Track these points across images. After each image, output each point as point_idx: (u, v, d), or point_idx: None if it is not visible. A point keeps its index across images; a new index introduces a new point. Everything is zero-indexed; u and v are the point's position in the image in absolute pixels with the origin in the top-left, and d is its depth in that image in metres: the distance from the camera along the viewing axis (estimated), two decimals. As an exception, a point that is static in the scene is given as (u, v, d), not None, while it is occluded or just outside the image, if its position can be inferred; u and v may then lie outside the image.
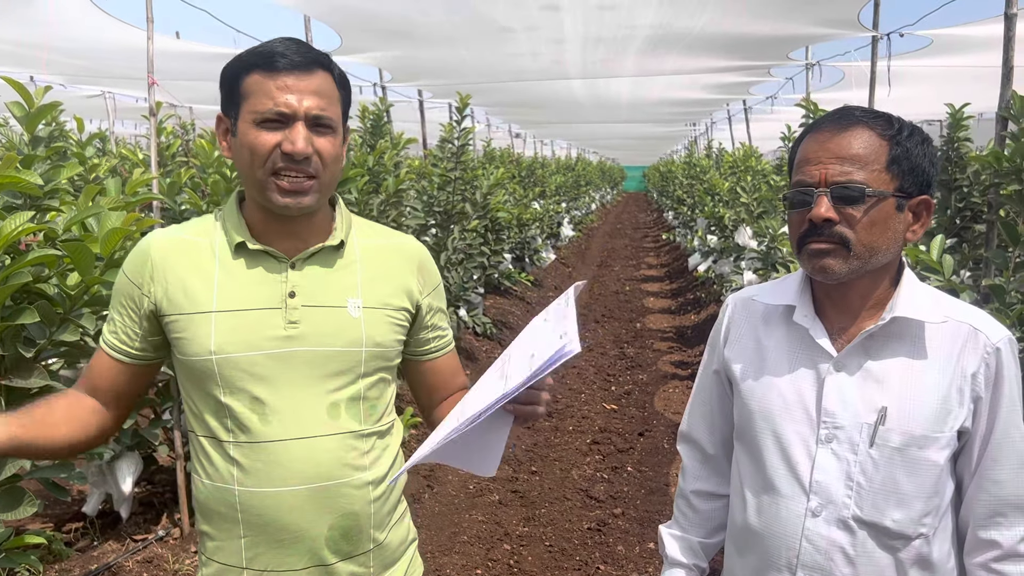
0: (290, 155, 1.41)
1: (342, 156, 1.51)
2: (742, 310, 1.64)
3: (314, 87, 1.43)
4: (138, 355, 1.55)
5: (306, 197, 1.45)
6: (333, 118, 1.46)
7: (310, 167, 1.43)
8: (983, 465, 1.45)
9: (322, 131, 1.44)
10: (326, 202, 1.55)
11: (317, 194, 1.46)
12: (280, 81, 1.41)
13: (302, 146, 1.40)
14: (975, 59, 7.90)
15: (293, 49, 1.44)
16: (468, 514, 4.48)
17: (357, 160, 5.52)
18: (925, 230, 1.48)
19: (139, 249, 1.53)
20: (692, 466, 1.76)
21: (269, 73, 1.41)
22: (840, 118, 1.44)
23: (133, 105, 12.60)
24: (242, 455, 1.46)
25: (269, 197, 1.44)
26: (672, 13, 6.52)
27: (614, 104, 14.09)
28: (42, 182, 2.50)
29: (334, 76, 1.48)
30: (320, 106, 1.43)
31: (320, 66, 1.45)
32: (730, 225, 9.00)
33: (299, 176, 1.43)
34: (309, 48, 1.47)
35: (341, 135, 1.50)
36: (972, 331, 1.44)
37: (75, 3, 6.06)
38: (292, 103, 1.41)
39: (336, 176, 1.51)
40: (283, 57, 1.42)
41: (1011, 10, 3.84)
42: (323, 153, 1.44)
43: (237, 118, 1.45)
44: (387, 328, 1.54)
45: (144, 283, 1.49)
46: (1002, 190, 3.76)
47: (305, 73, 1.43)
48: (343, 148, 1.52)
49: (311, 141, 1.42)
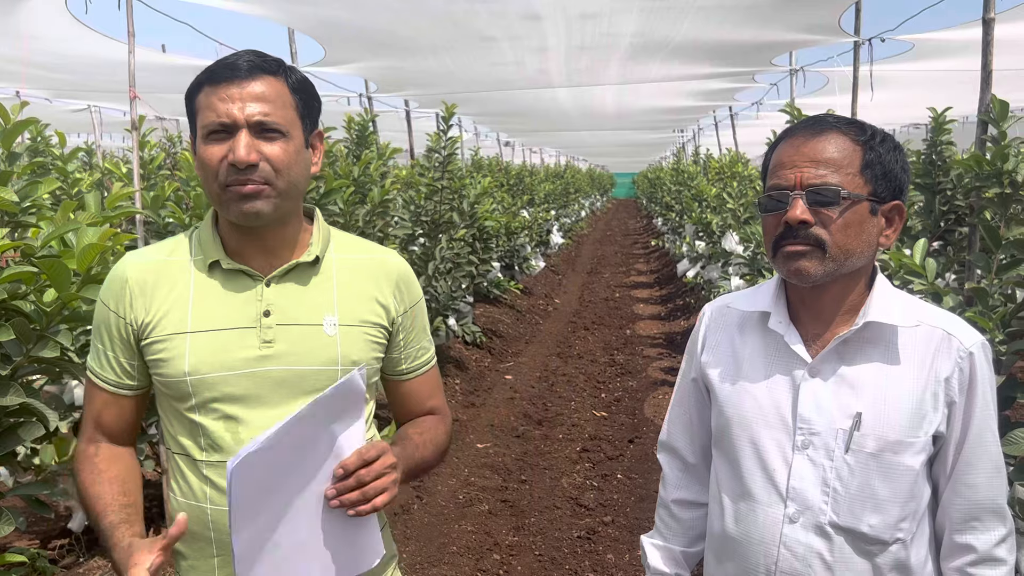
0: (234, 165, 1.37)
1: (302, 162, 1.46)
2: (718, 318, 1.65)
3: (256, 93, 1.39)
4: (137, 385, 1.53)
5: (258, 202, 1.40)
6: (280, 123, 1.41)
7: (257, 174, 1.39)
8: (958, 469, 1.45)
9: (271, 136, 1.40)
10: (299, 216, 1.53)
11: (273, 200, 1.42)
12: (222, 92, 1.39)
13: (243, 154, 1.37)
14: (957, 63, 7.95)
15: (241, 59, 1.42)
16: (457, 524, 4.46)
17: (342, 171, 5.52)
18: (898, 235, 1.49)
19: (114, 275, 1.52)
20: (673, 475, 1.76)
21: (213, 86, 1.40)
22: (814, 124, 1.46)
23: (120, 119, 12.56)
24: (215, 474, 1.44)
25: (227, 209, 1.42)
26: (653, 21, 6.55)
27: (601, 112, 14.14)
28: (17, 199, 2.48)
29: (287, 81, 1.45)
30: (264, 111, 1.39)
31: (265, 72, 1.42)
32: (717, 231, 9.02)
33: (249, 184, 1.39)
34: (257, 56, 1.44)
35: (300, 140, 1.45)
36: (946, 336, 1.44)
37: (57, 18, 6.03)
38: (233, 112, 1.38)
39: (297, 183, 1.45)
40: (226, 68, 1.40)
41: (989, 14, 3.86)
42: (273, 159, 1.40)
43: (195, 136, 1.45)
44: (364, 346, 1.52)
45: (123, 309, 1.48)
46: (984, 193, 3.78)
47: (247, 80, 1.40)
48: (308, 154, 1.49)
49: (257, 148, 1.39)
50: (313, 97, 1.50)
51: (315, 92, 1.52)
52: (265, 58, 1.44)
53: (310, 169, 1.50)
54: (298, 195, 1.48)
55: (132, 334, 1.48)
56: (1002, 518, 1.46)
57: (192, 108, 1.45)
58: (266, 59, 1.44)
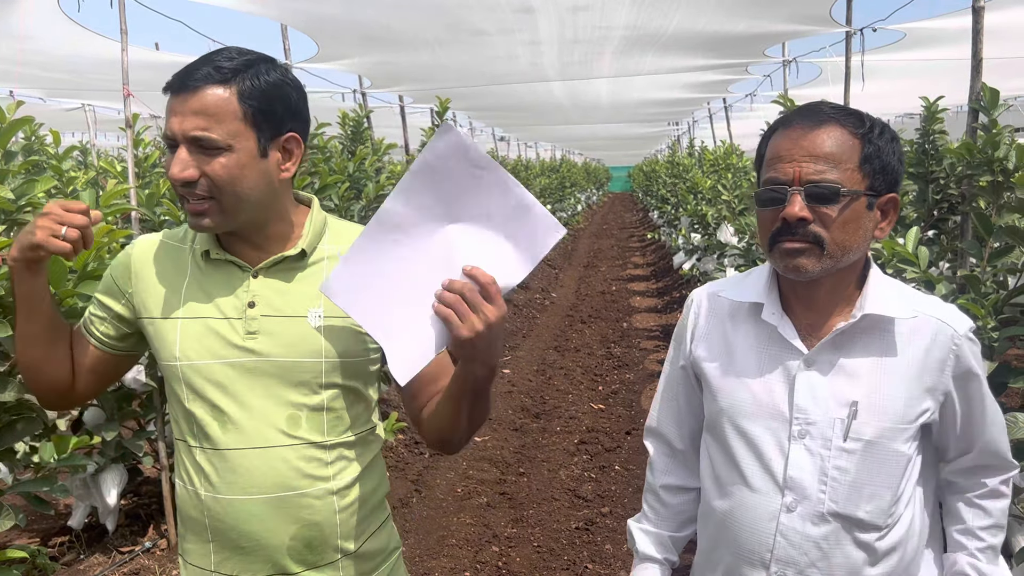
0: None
1: (255, 172, 1.41)
2: (708, 305, 1.64)
3: (197, 107, 1.36)
4: (101, 341, 1.59)
5: (204, 219, 1.41)
6: (218, 138, 1.36)
7: (199, 189, 1.39)
8: (970, 441, 1.54)
9: (211, 152, 1.37)
10: (282, 213, 1.51)
11: (218, 215, 1.41)
12: (171, 104, 1.39)
13: (176, 171, 1.37)
14: (948, 52, 7.96)
15: (199, 67, 1.39)
16: (456, 517, 4.48)
17: (337, 167, 5.53)
18: (892, 227, 1.49)
19: (124, 252, 1.60)
20: (660, 460, 1.77)
21: (171, 95, 1.40)
22: (811, 115, 1.44)
23: (114, 117, 12.52)
24: (206, 461, 1.48)
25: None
26: (645, 13, 6.55)
27: (595, 105, 14.13)
28: (13, 197, 2.50)
29: (239, 88, 1.38)
30: (199, 126, 1.36)
31: (214, 82, 1.37)
32: (712, 223, 9.03)
33: (193, 200, 1.40)
34: (218, 61, 1.39)
35: (249, 150, 1.40)
36: (940, 324, 1.46)
37: (49, 17, 6.03)
38: (173, 126, 1.38)
39: (248, 195, 1.41)
40: (179, 77, 1.39)
41: (978, 3, 3.88)
42: (213, 176, 1.38)
43: None
44: (351, 338, 1.50)
45: (124, 285, 1.56)
46: (976, 181, 3.80)
47: (191, 93, 1.37)
48: (267, 162, 1.43)
49: (197, 164, 1.37)
50: (274, 101, 1.42)
51: (282, 95, 1.44)
52: (221, 66, 1.38)
53: (274, 176, 1.45)
54: (256, 205, 1.44)
55: (126, 306, 1.56)
56: (1009, 464, 1.57)
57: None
58: (222, 67, 1.38)
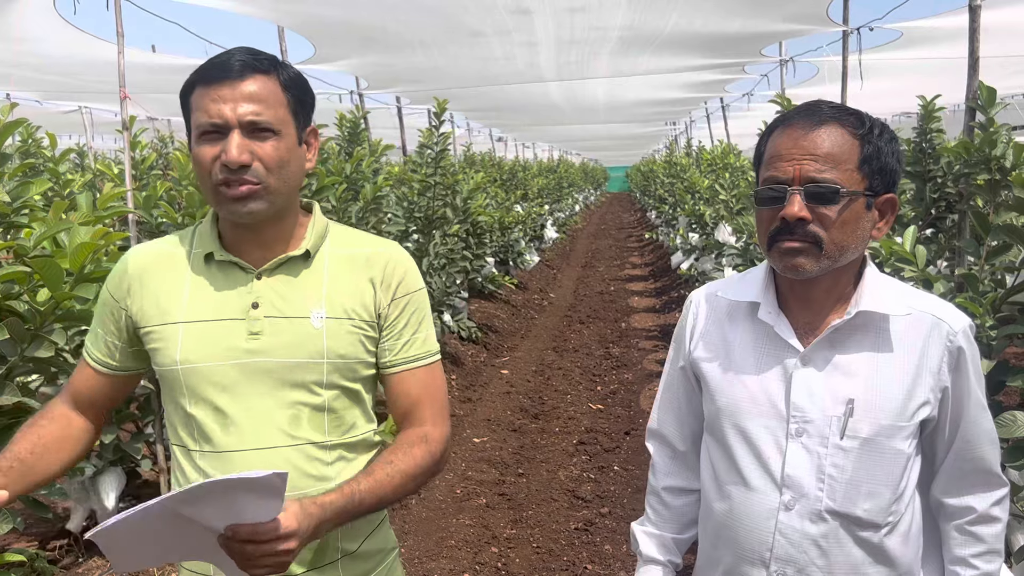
0: (227, 165, 1.40)
1: (296, 159, 1.49)
2: (706, 306, 1.65)
3: (248, 93, 1.41)
4: (118, 367, 1.60)
5: (252, 203, 1.43)
6: (272, 121, 1.43)
7: (250, 174, 1.42)
8: (957, 445, 1.51)
9: (263, 136, 1.42)
10: (295, 210, 1.55)
11: (266, 199, 1.44)
12: (214, 92, 1.41)
13: (235, 155, 1.39)
14: (945, 51, 7.96)
15: (233, 57, 1.44)
16: (455, 518, 4.48)
17: (335, 168, 5.52)
18: (889, 227, 1.49)
19: (119, 264, 1.59)
20: (662, 462, 1.77)
21: (206, 86, 1.42)
22: (811, 114, 1.43)
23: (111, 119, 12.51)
24: (208, 464, 1.48)
25: (221, 207, 1.46)
26: (642, 13, 6.55)
27: (592, 106, 14.13)
28: (9, 199, 2.49)
29: (279, 78, 1.46)
30: (255, 111, 1.41)
31: (257, 71, 1.43)
32: (710, 222, 9.04)
33: (241, 185, 1.42)
34: (250, 54, 1.46)
35: (293, 138, 1.47)
36: (935, 321, 1.46)
37: (45, 19, 6.02)
38: (225, 112, 1.40)
39: (290, 180, 1.48)
40: (218, 68, 1.42)
41: (975, 1, 3.88)
42: (265, 159, 1.42)
43: (190, 134, 1.47)
44: (351, 339, 1.51)
45: (122, 298, 1.55)
46: (973, 180, 3.80)
47: (239, 80, 1.41)
48: (303, 150, 1.51)
49: (249, 148, 1.41)
50: (306, 93, 1.52)
51: (308, 88, 1.53)
52: (257, 56, 1.46)
53: (304, 166, 1.53)
54: (292, 192, 1.51)
55: (127, 320, 1.55)
56: (998, 481, 1.54)
57: (186, 108, 1.47)
58: (258, 57, 1.46)
